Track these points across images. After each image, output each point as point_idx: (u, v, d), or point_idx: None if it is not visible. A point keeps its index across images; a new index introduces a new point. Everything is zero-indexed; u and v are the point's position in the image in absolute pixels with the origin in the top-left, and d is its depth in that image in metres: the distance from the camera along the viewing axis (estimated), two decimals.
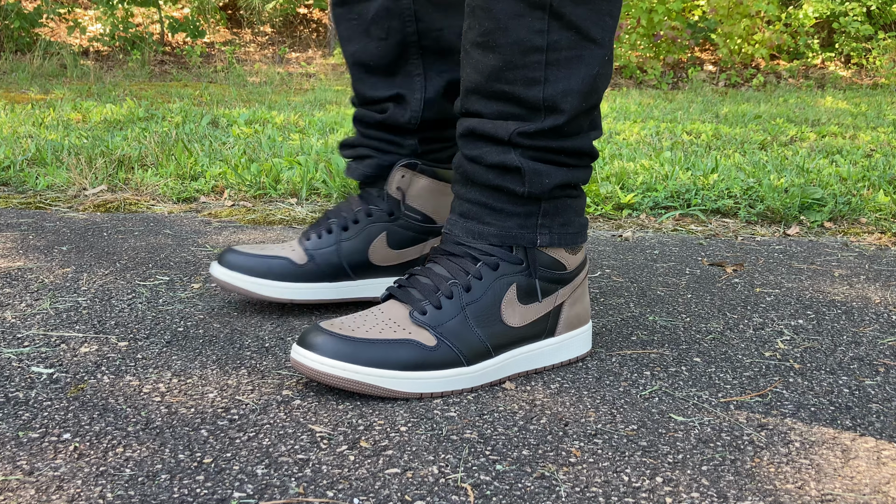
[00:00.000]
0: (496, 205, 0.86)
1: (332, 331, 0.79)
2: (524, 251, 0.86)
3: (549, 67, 0.80)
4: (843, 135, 3.25)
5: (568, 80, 0.81)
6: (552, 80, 0.81)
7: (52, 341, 0.92)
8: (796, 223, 1.71)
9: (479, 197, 0.86)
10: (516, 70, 0.81)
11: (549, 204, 0.86)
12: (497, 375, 0.85)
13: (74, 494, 0.61)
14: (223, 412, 0.75)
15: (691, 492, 0.64)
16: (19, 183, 1.90)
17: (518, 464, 0.68)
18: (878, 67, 7.01)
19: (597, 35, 0.81)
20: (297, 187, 1.86)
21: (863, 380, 0.88)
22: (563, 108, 0.81)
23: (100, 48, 7.15)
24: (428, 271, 0.86)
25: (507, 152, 0.83)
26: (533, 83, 0.81)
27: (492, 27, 0.81)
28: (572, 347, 0.90)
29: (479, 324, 0.83)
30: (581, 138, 0.85)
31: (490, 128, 0.84)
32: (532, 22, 0.79)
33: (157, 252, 1.33)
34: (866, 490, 0.65)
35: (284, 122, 3.16)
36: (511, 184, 0.84)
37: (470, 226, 0.86)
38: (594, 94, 0.83)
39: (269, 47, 7.89)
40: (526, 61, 0.80)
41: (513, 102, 0.82)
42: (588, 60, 0.81)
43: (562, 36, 0.80)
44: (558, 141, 0.83)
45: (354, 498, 0.62)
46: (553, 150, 0.84)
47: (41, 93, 4.20)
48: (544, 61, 0.80)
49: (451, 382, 0.81)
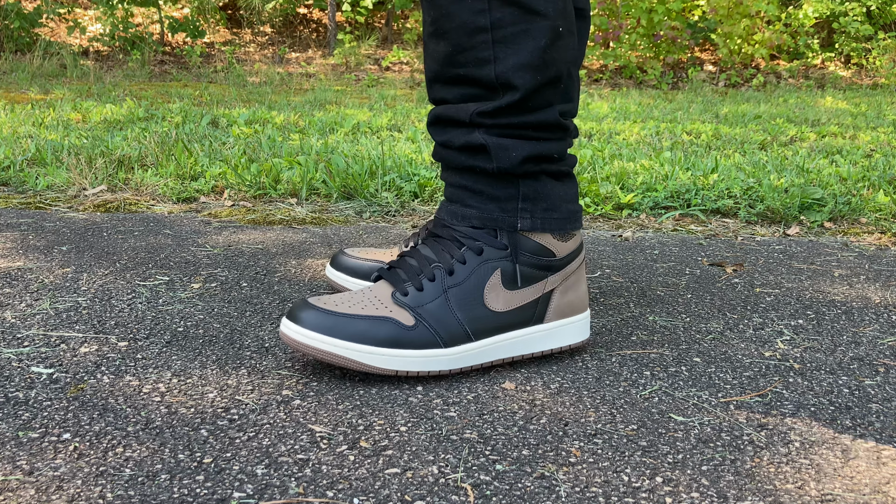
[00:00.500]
0: (476, 187, 0.87)
1: (317, 305, 0.82)
2: (508, 236, 0.87)
3: (496, 45, 0.81)
4: (843, 135, 3.25)
5: (517, 55, 0.81)
6: (501, 58, 0.82)
7: (52, 341, 0.92)
8: (796, 223, 1.71)
9: (459, 180, 0.88)
10: (466, 52, 0.82)
11: (529, 187, 0.87)
12: (479, 360, 0.85)
13: (74, 494, 0.61)
14: (223, 412, 0.75)
15: (691, 492, 0.64)
16: (19, 183, 1.90)
17: (518, 464, 0.68)
18: (878, 67, 7.01)
19: (540, 7, 0.81)
20: (297, 187, 1.86)
21: (863, 380, 0.88)
22: (517, 84, 0.82)
23: (100, 48, 7.15)
24: (416, 253, 0.88)
25: (471, 132, 0.85)
26: (484, 63, 0.82)
27: (437, 15, 0.83)
28: (564, 335, 0.90)
29: (460, 307, 0.84)
30: (546, 112, 0.85)
31: (453, 112, 0.86)
32: (472, 3, 0.81)
33: (157, 252, 1.33)
34: (866, 490, 0.65)
35: (284, 122, 3.16)
36: (481, 162, 0.86)
37: (454, 209, 0.88)
38: (549, 66, 0.83)
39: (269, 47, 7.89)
40: (473, 42, 0.82)
41: (471, 84, 0.84)
42: (535, 34, 0.81)
43: (504, 13, 0.81)
44: (519, 116, 0.84)
45: (354, 498, 0.62)
46: (516, 126, 0.85)
47: (41, 93, 4.20)
48: (490, 40, 0.81)
49: (428, 363, 0.82)
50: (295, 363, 0.88)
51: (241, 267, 1.25)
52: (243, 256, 1.32)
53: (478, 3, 0.81)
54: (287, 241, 1.44)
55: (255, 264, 1.27)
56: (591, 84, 6.42)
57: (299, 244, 1.42)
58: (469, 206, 0.87)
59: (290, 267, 1.26)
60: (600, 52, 6.73)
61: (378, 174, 1.90)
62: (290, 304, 1.08)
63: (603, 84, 6.40)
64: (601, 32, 6.65)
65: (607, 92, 5.50)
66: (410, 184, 1.86)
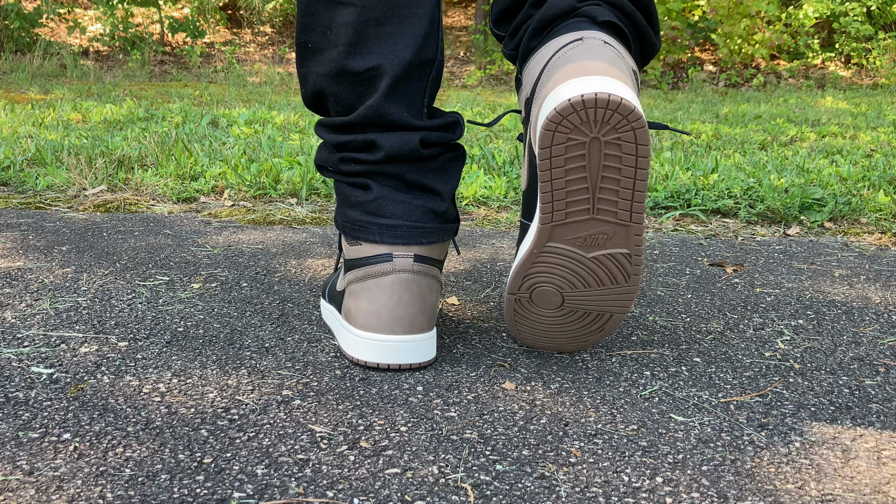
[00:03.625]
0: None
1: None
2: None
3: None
4: (843, 135, 3.25)
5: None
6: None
7: (52, 341, 0.92)
8: (796, 223, 1.71)
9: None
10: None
11: (338, 193, 0.93)
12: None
13: (74, 494, 0.61)
14: (223, 412, 0.75)
15: (691, 492, 0.64)
16: (19, 183, 1.90)
17: (518, 464, 0.68)
18: (878, 67, 7.01)
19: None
20: (297, 187, 1.86)
21: (863, 380, 0.88)
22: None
23: (100, 48, 7.15)
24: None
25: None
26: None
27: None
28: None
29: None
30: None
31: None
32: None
33: (157, 252, 1.33)
34: (866, 490, 0.65)
35: (284, 122, 3.16)
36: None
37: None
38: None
39: (269, 47, 7.89)
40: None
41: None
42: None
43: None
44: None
45: (354, 498, 0.62)
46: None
47: (41, 93, 4.20)
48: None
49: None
50: (295, 363, 0.88)
51: (241, 267, 1.25)
52: (243, 256, 1.32)
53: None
54: (287, 241, 1.44)
55: (255, 264, 1.27)
56: None
57: (299, 244, 1.42)
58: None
59: (290, 267, 1.26)
60: None
61: None
62: (291, 303, 1.08)
63: None
64: None
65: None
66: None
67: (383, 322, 0.86)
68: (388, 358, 0.87)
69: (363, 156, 0.86)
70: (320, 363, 0.88)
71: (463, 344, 0.95)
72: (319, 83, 0.86)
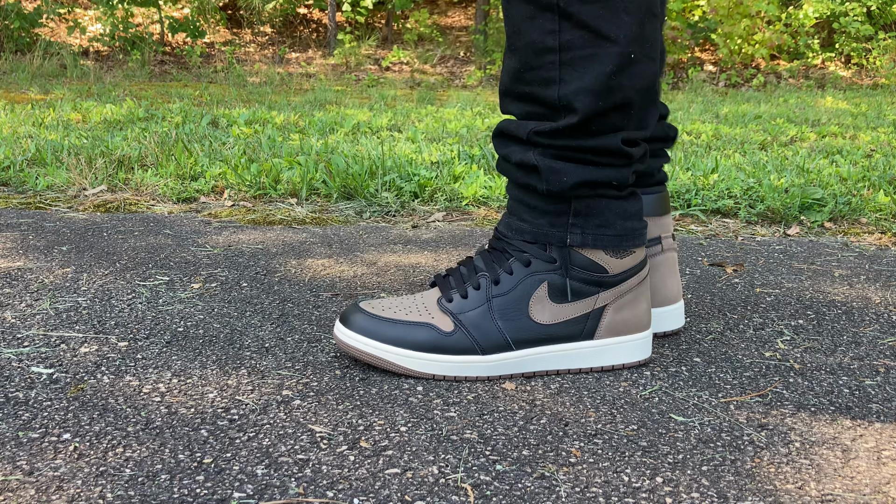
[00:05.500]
0: (530, 202, 0.87)
1: (365, 309, 0.87)
2: (557, 250, 0.87)
3: (563, 67, 0.81)
4: (843, 135, 3.25)
5: (581, 79, 0.80)
6: (566, 80, 0.81)
7: (52, 341, 0.92)
8: (796, 223, 1.71)
9: (516, 193, 0.89)
10: (533, 71, 0.82)
11: (581, 203, 0.86)
12: (518, 369, 0.86)
13: (74, 494, 0.61)
14: (223, 412, 0.75)
15: (691, 492, 0.64)
16: (19, 183, 1.90)
17: (518, 464, 0.68)
18: (878, 67, 7.01)
19: (611, 33, 0.79)
20: (297, 187, 1.86)
21: (863, 380, 0.88)
22: (577, 108, 0.81)
23: (100, 48, 7.15)
24: (468, 262, 0.91)
25: (527, 151, 0.85)
26: (549, 83, 0.82)
27: (511, 31, 0.83)
28: (617, 353, 0.89)
29: (503, 317, 0.86)
30: (607, 137, 0.83)
31: (514, 127, 0.86)
32: (543, 23, 0.80)
33: (157, 252, 1.33)
34: (866, 490, 0.65)
35: (284, 122, 3.16)
36: (534, 181, 0.85)
37: (510, 221, 0.89)
38: (614, 92, 0.81)
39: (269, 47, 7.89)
40: (540, 62, 0.81)
41: (535, 103, 0.84)
42: (602, 59, 0.80)
43: (574, 35, 0.80)
44: (578, 140, 0.83)
45: (354, 498, 0.62)
46: (573, 149, 0.84)
47: (41, 93, 4.20)
48: (558, 61, 0.81)
49: (465, 368, 0.85)
50: (295, 363, 0.88)
51: (241, 267, 1.25)
52: (243, 256, 1.32)
53: (549, 23, 0.80)
54: (287, 241, 1.44)
55: (255, 264, 1.27)
56: None
57: (299, 244, 1.42)
58: (523, 220, 0.88)
59: (290, 267, 1.26)
60: None
61: (378, 174, 1.90)
62: (291, 303, 1.08)
63: None
64: None
65: None
66: (410, 184, 1.86)
67: (647, 319, 0.91)
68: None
69: (640, 167, 0.89)
70: (320, 363, 0.88)
71: None
72: (631, 96, 0.83)
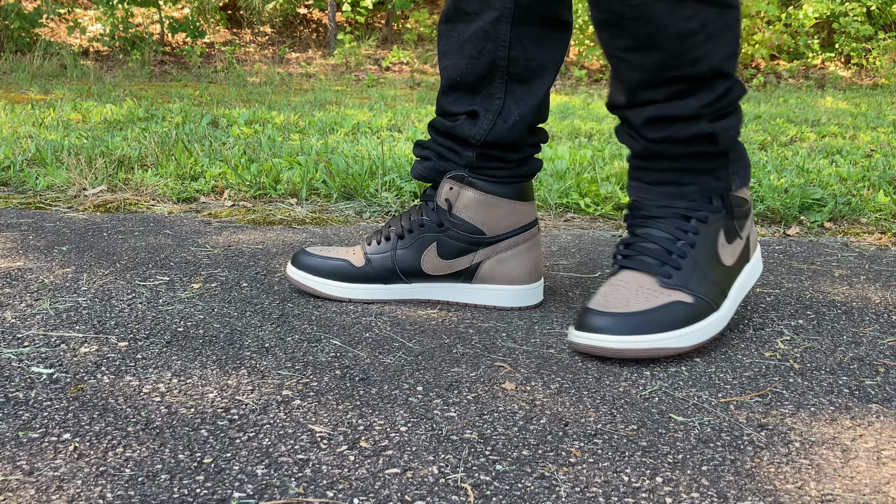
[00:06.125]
0: (691, 166, 0.96)
1: (609, 311, 0.89)
2: (721, 198, 0.97)
3: (706, 43, 0.91)
4: (843, 135, 3.25)
5: (725, 47, 0.92)
6: (711, 53, 0.91)
7: (52, 341, 0.92)
8: (796, 223, 1.71)
9: (672, 166, 0.97)
10: (681, 55, 0.91)
11: (734, 152, 0.98)
12: (733, 310, 0.98)
13: (74, 494, 0.61)
14: (223, 412, 0.75)
15: (691, 492, 0.64)
16: (19, 183, 1.90)
17: (518, 464, 0.68)
18: (878, 67, 7.01)
19: (732, 1, 0.92)
20: (296, 187, 1.86)
21: (863, 380, 0.88)
22: (728, 71, 0.93)
23: (100, 48, 7.15)
24: (648, 238, 0.96)
25: (696, 124, 0.94)
26: (697, 61, 0.91)
27: (649, 30, 0.90)
28: (758, 264, 1.05)
29: (711, 272, 0.96)
30: (738, 86, 0.97)
31: (671, 110, 0.94)
32: (683, 12, 0.89)
33: (157, 252, 1.33)
34: (866, 490, 0.65)
35: (284, 122, 3.16)
36: (705, 147, 0.95)
37: (668, 190, 0.97)
38: (740, 47, 0.92)
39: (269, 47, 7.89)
40: (687, 46, 0.90)
41: (683, 82, 0.93)
42: (731, 24, 0.93)
43: (708, 13, 0.90)
44: (728, 97, 0.95)
45: (354, 498, 0.62)
46: (726, 106, 0.95)
47: (41, 93, 4.20)
48: (701, 40, 0.90)
49: (710, 329, 0.93)
50: (295, 363, 0.88)
51: (241, 267, 1.25)
52: (243, 256, 1.32)
53: (687, 10, 0.89)
54: (287, 242, 1.44)
55: (255, 264, 1.27)
56: (592, 84, 6.42)
57: (299, 244, 1.42)
58: (685, 185, 0.97)
59: None
60: (601, 52, 6.73)
61: (378, 174, 1.90)
62: (291, 303, 1.08)
63: (603, 84, 6.40)
64: None
65: (607, 92, 5.50)
66: (410, 184, 1.86)
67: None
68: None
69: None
70: (320, 363, 0.88)
71: (463, 344, 0.95)
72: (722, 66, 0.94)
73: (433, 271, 1.08)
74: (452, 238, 1.07)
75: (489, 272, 1.08)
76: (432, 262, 1.08)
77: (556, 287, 1.20)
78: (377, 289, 1.09)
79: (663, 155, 0.97)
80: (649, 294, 0.92)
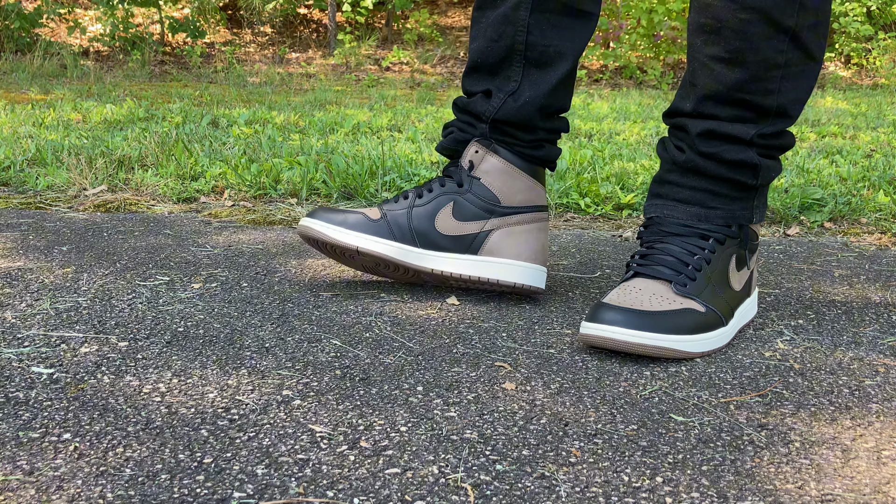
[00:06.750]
0: (723, 191, 1.00)
1: (624, 307, 0.92)
2: (739, 228, 1.02)
3: (783, 81, 0.97)
4: (843, 135, 3.25)
5: (797, 91, 0.98)
6: (784, 91, 0.97)
7: (52, 341, 0.92)
8: (796, 223, 1.71)
9: (707, 186, 1.01)
10: (758, 82, 0.96)
11: (762, 189, 1.03)
12: (736, 329, 1.01)
13: (74, 494, 0.61)
14: (223, 412, 0.75)
15: (691, 492, 0.64)
16: (19, 183, 1.90)
17: (518, 464, 0.68)
18: (878, 68, 7.01)
19: (817, 55, 0.98)
20: (297, 187, 1.86)
21: (863, 380, 0.88)
22: (792, 115, 1.00)
23: (100, 48, 7.15)
24: (665, 251, 1.00)
25: (747, 151, 0.99)
26: (769, 93, 0.97)
27: (742, 46, 0.95)
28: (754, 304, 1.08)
29: (721, 290, 0.99)
30: (791, 136, 1.03)
31: (729, 129, 0.98)
32: (777, 43, 0.95)
33: (157, 252, 1.33)
34: (866, 490, 0.65)
35: (284, 122, 3.16)
36: (744, 177, 1.00)
37: (695, 210, 1.01)
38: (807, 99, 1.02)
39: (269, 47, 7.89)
40: (767, 75, 0.96)
41: (748, 108, 0.98)
42: (809, 75, 0.99)
43: (795, 55, 0.96)
44: (781, 139, 1.01)
45: (354, 498, 0.62)
46: (775, 148, 1.01)
47: (41, 93, 4.20)
48: (780, 76, 0.97)
49: (717, 341, 0.95)
50: (295, 363, 0.88)
51: (241, 267, 1.25)
52: (243, 256, 1.32)
53: (781, 44, 0.95)
54: (287, 241, 1.44)
55: (255, 264, 1.27)
56: (591, 84, 6.42)
57: (299, 244, 1.42)
58: (712, 209, 1.01)
59: (290, 267, 1.26)
60: (600, 52, 6.73)
61: (378, 174, 1.90)
62: (291, 303, 1.08)
63: (603, 84, 6.40)
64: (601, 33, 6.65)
65: (607, 92, 5.50)
66: (410, 184, 1.86)
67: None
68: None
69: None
70: (320, 363, 0.88)
71: (463, 344, 0.95)
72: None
73: (444, 231, 1.10)
74: (469, 201, 1.10)
75: (497, 244, 1.10)
76: (445, 222, 1.10)
77: (556, 287, 1.20)
78: (386, 243, 1.09)
79: (704, 172, 1.00)
80: (663, 299, 0.95)
